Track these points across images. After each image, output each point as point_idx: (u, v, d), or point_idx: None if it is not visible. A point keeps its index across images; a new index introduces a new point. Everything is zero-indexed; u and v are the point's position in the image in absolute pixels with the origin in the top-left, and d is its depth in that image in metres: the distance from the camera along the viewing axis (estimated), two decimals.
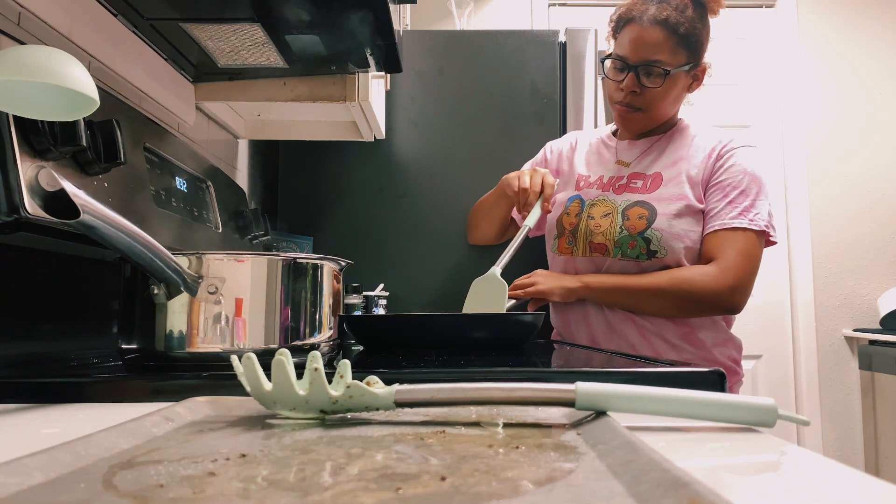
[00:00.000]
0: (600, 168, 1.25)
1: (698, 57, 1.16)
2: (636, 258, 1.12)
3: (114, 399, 0.58)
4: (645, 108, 1.17)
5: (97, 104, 0.56)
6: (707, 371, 0.62)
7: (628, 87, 1.14)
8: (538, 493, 0.27)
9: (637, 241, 1.12)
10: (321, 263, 0.74)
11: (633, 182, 1.19)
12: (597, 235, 1.16)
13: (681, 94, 1.18)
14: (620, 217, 1.14)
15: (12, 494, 0.27)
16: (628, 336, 1.16)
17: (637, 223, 1.12)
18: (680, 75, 1.14)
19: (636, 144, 1.24)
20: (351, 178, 1.76)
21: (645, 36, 1.10)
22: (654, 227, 1.11)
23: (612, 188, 1.20)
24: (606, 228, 1.15)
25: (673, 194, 1.13)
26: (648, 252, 1.11)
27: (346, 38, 1.10)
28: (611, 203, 1.17)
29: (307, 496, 0.27)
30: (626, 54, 1.13)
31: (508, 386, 0.44)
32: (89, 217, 0.52)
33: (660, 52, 1.11)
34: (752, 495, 0.29)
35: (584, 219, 1.19)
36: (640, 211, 1.13)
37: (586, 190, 1.23)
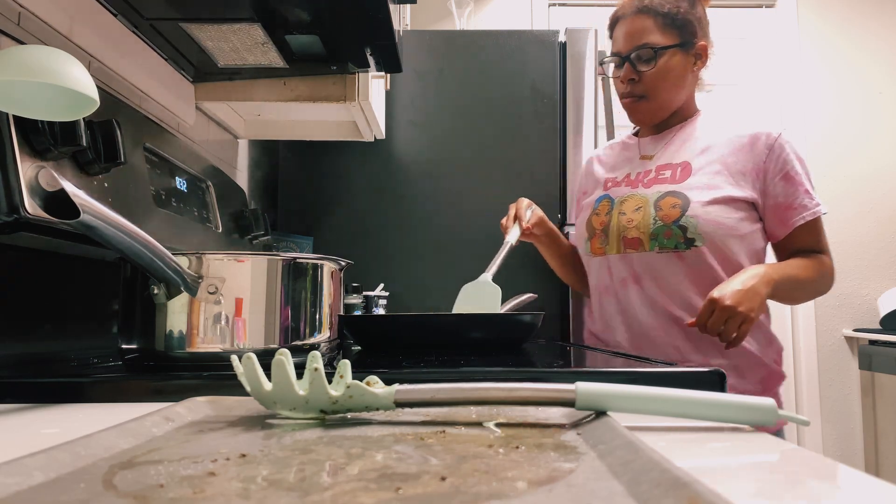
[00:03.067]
0: (626, 167, 1.23)
1: (691, 34, 1.15)
2: (675, 248, 1.09)
3: (114, 399, 0.58)
4: (647, 94, 1.16)
5: (97, 104, 0.56)
6: (707, 371, 0.62)
7: (626, 76, 1.17)
8: (538, 493, 0.27)
9: (672, 230, 1.08)
10: (321, 263, 0.74)
11: (662, 173, 1.16)
12: (630, 230, 1.13)
13: (683, 75, 1.16)
14: (653, 209, 1.11)
15: (12, 494, 0.27)
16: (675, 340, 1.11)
17: (671, 212, 1.09)
18: (674, 55, 1.14)
19: (658, 137, 1.22)
20: (351, 178, 1.76)
21: (632, 26, 1.15)
22: (689, 214, 1.07)
23: (640, 183, 1.17)
24: (639, 222, 1.12)
25: (705, 183, 1.10)
26: (686, 241, 1.08)
27: (346, 38, 1.10)
28: (641, 197, 1.14)
29: (307, 496, 0.27)
30: (620, 49, 1.17)
31: (508, 386, 0.44)
32: (89, 217, 0.52)
33: (647, 36, 1.14)
34: (752, 495, 0.29)
35: (614, 216, 1.16)
36: (673, 200, 1.10)
37: (614, 189, 1.21)
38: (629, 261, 1.14)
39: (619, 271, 1.16)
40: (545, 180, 1.77)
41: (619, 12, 1.18)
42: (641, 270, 1.13)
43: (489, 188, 1.76)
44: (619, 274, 1.16)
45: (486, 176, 1.77)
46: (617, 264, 1.16)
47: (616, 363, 0.74)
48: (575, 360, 0.81)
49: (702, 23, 1.17)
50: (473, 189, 1.76)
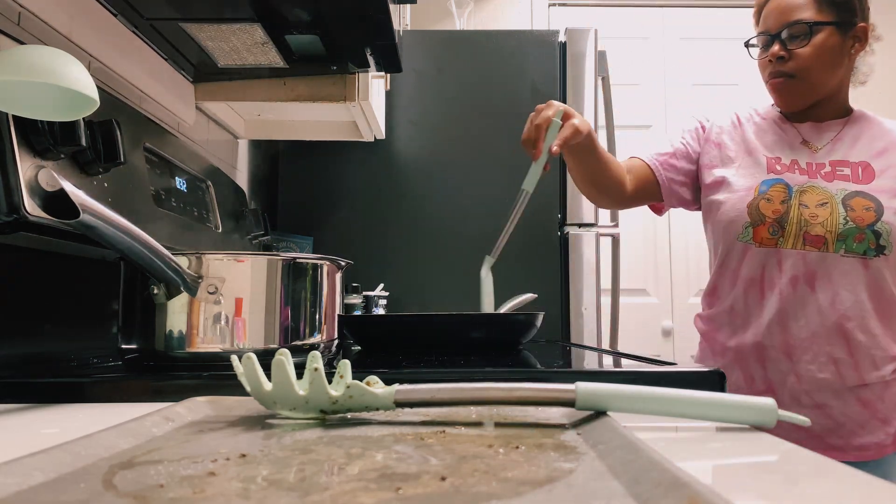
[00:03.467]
0: (788, 150, 1.12)
1: (849, 14, 1.07)
2: (863, 254, 1.01)
3: (114, 399, 0.58)
4: (796, 74, 1.07)
5: (97, 104, 0.56)
6: (707, 371, 0.62)
7: (774, 54, 1.08)
8: (538, 493, 0.27)
9: (866, 234, 1.00)
10: (321, 263, 0.74)
11: (840, 169, 1.07)
12: (815, 226, 1.02)
13: (838, 58, 1.07)
14: (842, 207, 1.02)
15: (12, 494, 0.27)
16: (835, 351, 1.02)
17: (864, 215, 1.01)
18: (830, 34, 1.05)
19: (821, 127, 1.13)
20: (351, 178, 1.76)
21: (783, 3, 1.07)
22: (884, 220, 1.00)
23: (818, 175, 1.07)
24: (826, 219, 1.02)
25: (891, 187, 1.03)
26: (878, 247, 1.00)
27: (346, 38, 1.10)
28: (824, 191, 1.04)
29: (307, 496, 0.27)
30: (769, 27, 1.09)
31: (508, 386, 0.44)
32: (89, 217, 0.52)
33: (801, 12, 1.06)
34: (752, 495, 0.29)
35: (794, 206, 1.05)
36: (865, 202, 1.02)
37: (787, 174, 1.08)
38: (806, 259, 1.03)
39: (791, 268, 1.04)
40: (545, 180, 1.77)
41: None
42: (818, 271, 1.03)
43: (489, 188, 1.76)
44: (791, 271, 1.04)
45: (486, 176, 1.77)
46: (791, 260, 1.04)
47: (616, 363, 0.74)
48: (575, 361, 0.81)
49: (862, 3, 1.09)
50: (473, 189, 1.76)
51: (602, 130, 1.81)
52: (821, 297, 1.02)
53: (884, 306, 1.02)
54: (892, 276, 1.03)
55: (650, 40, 2.82)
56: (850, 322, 1.01)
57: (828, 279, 1.02)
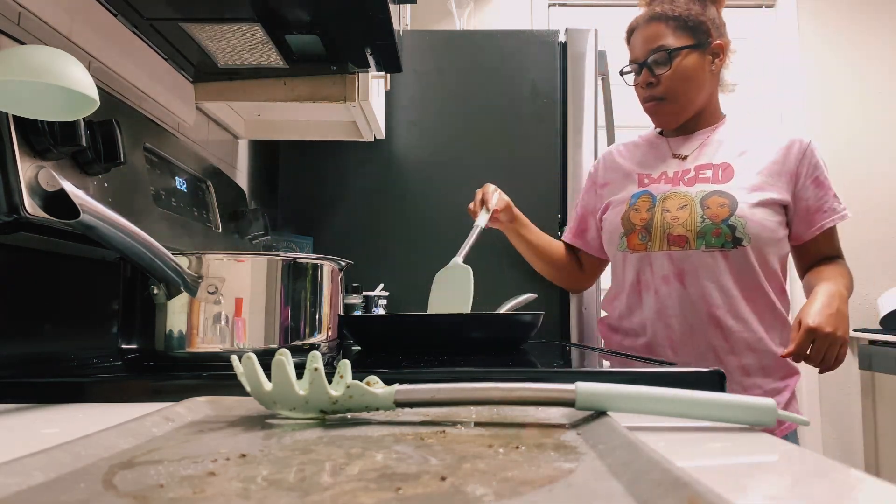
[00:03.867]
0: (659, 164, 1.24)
1: (704, 35, 1.18)
2: (721, 247, 1.11)
3: (114, 399, 0.58)
4: (666, 96, 1.18)
5: (97, 104, 0.56)
6: (707, 371, 0.62)
7: (644, 81, 1.20)
8: (538, 493, 0.27)
9: (721, 228, 1.10)
10: (321, 263, 0.74)
11: (703, 173, 1.17)
12: (676, 228, 1.14)
13: (700, 74, 1.18)
14: (699, 207, 1.12)
15: (12, 494, 0.27)
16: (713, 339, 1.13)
17: (719, 211, 1.11)
18: (689, 55, 1.17)
19: (689, 138, 1.24)
20: (351, 178, 1.76)
21: (645, 33, 1.19)
22: (738, 215, 1.09)
23: (681, 181, 1.18)
24: (686, 220, 1.13)
25: (751, 184, 1.13)
26: (734, 239, 1.10)
27: (346, 38, 1.10)
28: (685, 195, 1.15)
29: (307, 496, 0.27)
30: (637, 56, 1.21)
31: (508, 386, 0.44)
32: (89, 217, 0.52)
33: (661, 40, 1.17)
34: (752, 495, 0.29)
35: (657, 213, 1.16)
36: (720, 200, 1.12)
37: (653, 185, 1.21)
38: (673, 258, 1.14)
39: (660, 268, 1.16)
40: (545, 180, 1.77)
41: (634, 23, 1.23)
42: (685, 268, 1.13)
43: None
44: (661, 271, 1.16)
45: (486, 176, 1.76)
46: (659, 261, 1.16)
47: (616, 363, 0.74)
48: (575, 360, 0.81)
49: (716, 23, 1.20)
50: (473, 189, 1.76)
51: (602, 130, 1.81)
52: (691, 291, 1.13)
53: (752, 292, 1.12)
54: (761, 263, 1.12)
55: None
56: (720, 310, 1.11)
57: (694, 274, 1.13)
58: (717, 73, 1.22)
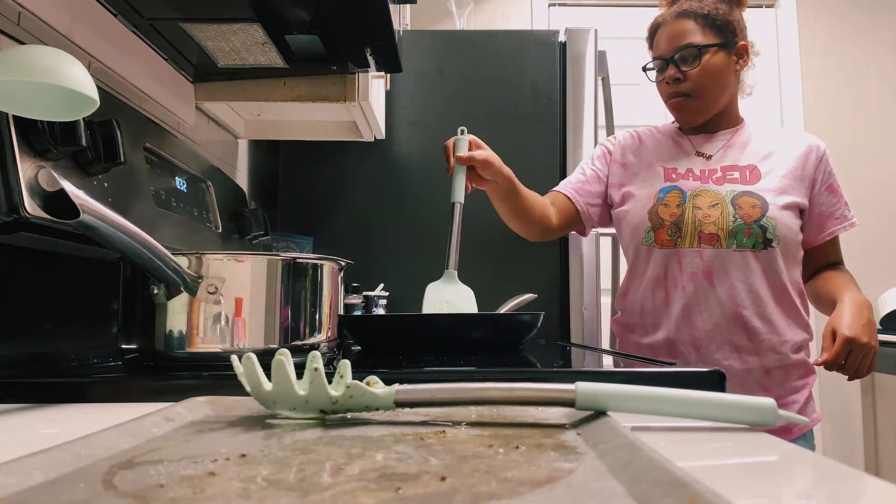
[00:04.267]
0: (684, 160, 1.23)
1: (730, 35, 1.19)
2: (752, 247, 1.11)
3: (114, 399, 0.58)
4: (692, 93, 1.18)
5: (97, 104, 0.56)
6: (707, 371, 0.62)
7: (671, 77, 1.19)
8: (538, 493, 0.27)
9: (753, 229, 1.11)
10: (321, 263, 0.74)
11: (730, 174, 1.18)
12: (707, 225, 1.14)
13: (726, 74, 1.19)
14: (731, 206, 1.13)
15: (12, 494, 0.27)
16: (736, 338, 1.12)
17: (751, 212, 1.12)
18: (717, 54, 1.17)
19: (712, 138, 1.24)
20: (351, 178, 1.76)
21: (672, 29, 1.19)
22: (769, 216, 1.11)
23: (710, 180, 1.18)
24: (717, 218, 1.13)
25: (777, 186, 1.14)
26: (765, 240, 1.11)
27: (346, 38, 1.10)
28: (715, 193, 1.15)
29: (307, 496, 0.27)
30: (662, 52, 1.20)
31: (508, 386, 0.44)
32: (89, 217, 0.52)
33: (689, 37, 1.17)
34: (752, 495, 0.29)
35: (688, 209, 1.16)
36: (752, 200, 1.13)
37: (682, 181, 1.20)
38: (703, 256, 1.14)
39: (689, 265, 1.15)
40: (545, 180, 1.77)
41: (659, 18, 1.23)
42: (714, 266, 1.13)
43: None
44: (690, 268, 1.14)
45: None
46: (689, 258, 1.15)
47: (616, 363, 0.74)
48: (575, 360, 0.81)
49: (740, 24, 1.22)
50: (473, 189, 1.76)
51: (602, 130, 1.81)
52: (719, 290, 1.12)
53: (778, 294, 1.13)
54: (786, 265, 1.13)
55: None
56: (747, 310, 1.11)
57: (724, 273, 1.12)
58: (739, 75, 1.23)
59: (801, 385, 1.15)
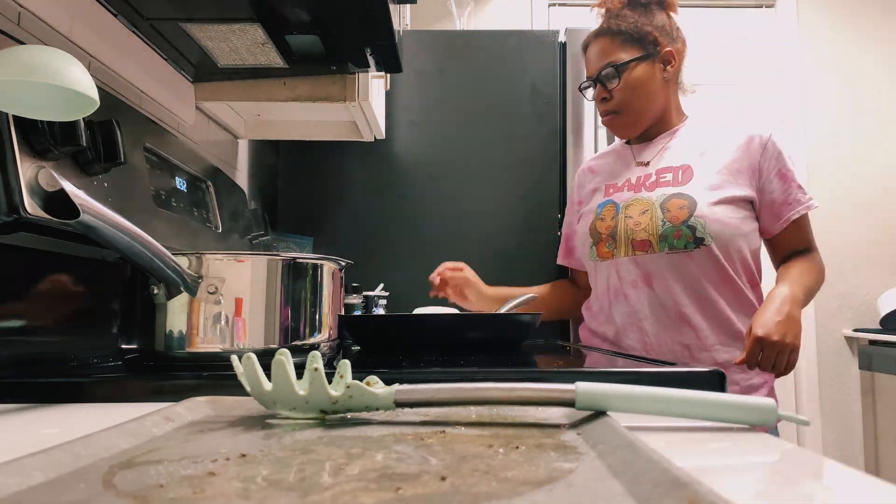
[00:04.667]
0: (625, 172, 1.27)
1: (650, 45, 1.20)
2: (684, 248, 1.12)
3: (114, 399, 0.58)
4: (620, 110, 1.21)
5: (97, 104, 0.56)
6: (707, 371, 0.62)
7: (598, 97, 1.24)
8: (538, 493, 0.27)
9: (682, 230, 1.12)
10: (321, 263, 0.74)
11: (663, 176, 1.19)
12: (638, 233, 1.16)
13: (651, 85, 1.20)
14: (660, 211, 1.14)
15: (12, 494, 0.27)
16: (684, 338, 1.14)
17: (679, 213, 1.12)
18: (638, 67, 1.19)
19: (651, 143, 1.26)
20: (351, 178, 1.76)
21: (595, 50, 1.23)
22: (697, 215, 1.11)
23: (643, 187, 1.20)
24: (647, 224, 1.15)
25: (709, 183, 1.14)
26: (696, 240, 1.11)
27: (346, 38, 1.10)
28: (646, 200, 1.17)
29: (307, 496, 0.27)
30: (590, 72, 1.25)
31: (508, 386, 0.44)
32: (89, 217, 0.52)
33: (608, 56, 1.20)
34: (752, 495, 0.29)
35: (621, 220, 1.19)
36: (679, 202, 1.13)
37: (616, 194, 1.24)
38: (638, 263, 1.16)
39: (628, 273, 1.18)
40: (545, 180, 1.77)
41: (585, 40, 1.26)
42: (652, 271, 1.15)
43: (489, 188, 1.76)
44: (629, 276, 1.18)
45: (486, 176, 1.77)
46: (626, 267, 1.18)
47: (616, 363, 0.74)
48: (575, 360, 0.81)
49: (665, 29, 1.22)
50: (473, 189, 1.76)
51: (602, 130, 1.81)
52: (659, 293, 1.15)
53: (727, 290, 1.14)
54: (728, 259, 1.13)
55: None
56: (688, 308, 1.13)
57: (661, 276, 1.14)
58: (672, 79, 1.24)
59: (761, 383, 1.14)
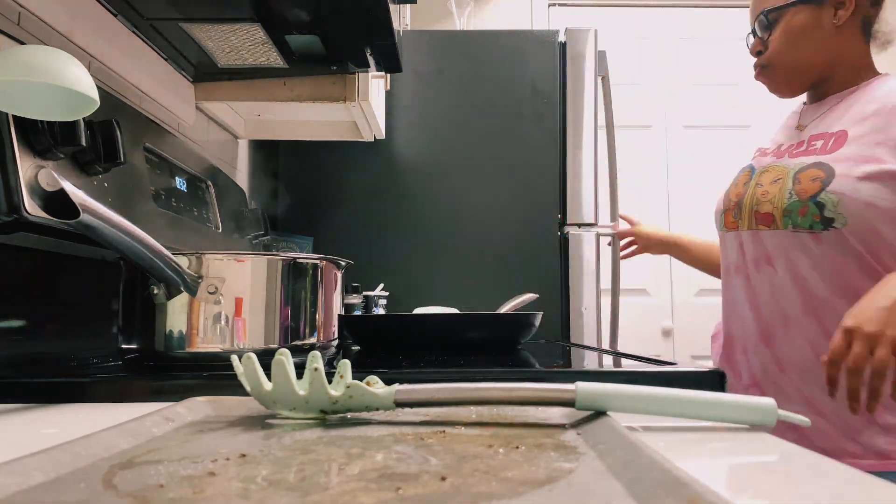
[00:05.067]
0: (782, 137, 1.11)
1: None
2: (810, 228, 0.93)
3: (114, 399, 0.58)
4: (769, 63, 1.07)
5: (97, 104, 0.56)
6: (707, 371, 0.62)
7: (753, 49, 1.10)
8: (538, 493, 0.27)
9: (808, 206, 0.93)
10: (321, 263, 0.74)
11: (813, 144, 1.01)
12: (764, 204, 0.99)
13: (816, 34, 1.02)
14: (791, 181, 0.96)
15: (12, 494, 0.27)
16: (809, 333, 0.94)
17: (809, 186, 0.94)
18: (799, 13, 1.02)
19: (819, 105, 1.07)
20: (351, 178, 1.76)
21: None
22: (830, 190, 0.91)
23: (787, 154, 1.04)
24: (774, 195, 0.98)
25: (859, 154, 0.93)
26: (823, 220, 0.92)
27: (346, 38, 1.10)
28: (783, 168, 1.00)
29: (307, 496, 0.27)
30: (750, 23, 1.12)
31: (508, 386, 0.44)
32: (89, 217, 0.52)
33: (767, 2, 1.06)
34: (752, 495, 0.29)
35: (751, 187, 1.04)
36: (815, 173, 0.94)
37: (759, 158, 1.10)
38: (761, 239, 1.00)
39: (751, 250, 1.02)
40: (545, 180, 1.77)
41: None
42: (774, 251, 0.98)
43: (489, 188, 1.76)
44: (752, 253, 1.02)
45: (486, 176, 1.77)
46: (749, 242, 1.03)
47: (616, 363, 0.74)
48: (575, 360, 0.81)
49: None
50: (473, 189, 1.76)
51: (602, 130, 1.81)
52: (783, 277, 0.97)
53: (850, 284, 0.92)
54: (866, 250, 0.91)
55: (650, 40, 2.82)
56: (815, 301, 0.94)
57: (785, 258, 0.97)
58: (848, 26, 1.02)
59: None
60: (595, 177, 1.76)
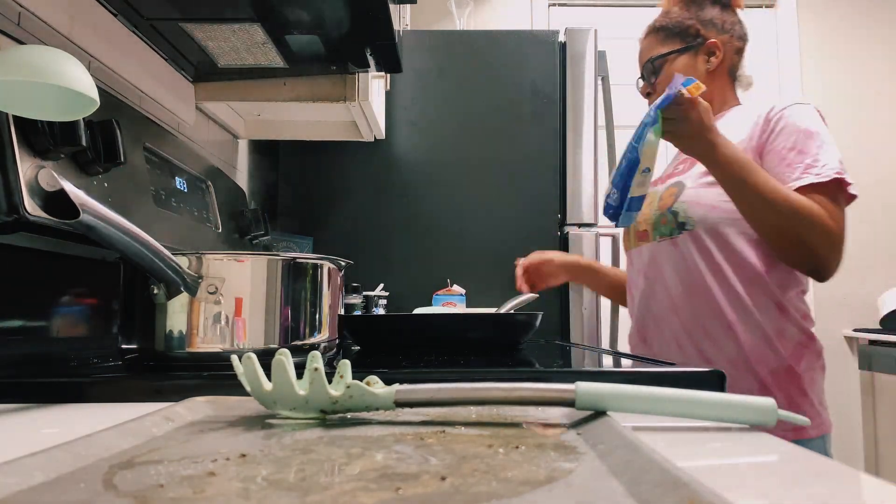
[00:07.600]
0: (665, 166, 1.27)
1: (691, 37, 1.19)
2: (670, 235, 1.10)
3: (114, 399, 0.57)
4: None
5: (97, 104, 0.56)
6: (707, 371, 0.62)
7: (643, 91, 1.24)
8: (538, 493, 0.27)
9: (667, 215, 1.11)
10: (321, 263, 0.74)
11: (678, 167, 1.19)
12: (641, 224, 1.18)
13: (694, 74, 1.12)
14: (658, 201, 1.15)
15: (12, 494, 0.27)
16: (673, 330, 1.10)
17: (667, 200, 1.12)
18: (678, 60, 1.18)
19: None
20: (351, 178, 1.76)
21: (641, 47, 1.25)
22: (681, 200, 1.09)
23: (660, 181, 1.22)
24: (648, 215, 1.16)
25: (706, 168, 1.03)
26: (678, 225, 1.08)
27: (346, 38, 1.10)
28: (654, 192, 1.19)
29: (307, 496, 0.27)
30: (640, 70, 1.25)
31: (508, 386, 0.44)
32: (89, 217, 0.52)
33: (651, 51, 1.21)
34: (752, 495, 0.29)
35: None
36: (672, 190, 1.13)
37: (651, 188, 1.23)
38: (640, 253, 1.19)
39: (636, 264, 1.21)
40: (545, 180, 1.77)
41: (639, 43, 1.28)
42: (647, 261, 1.16)
43: (489, 188, 1.76)
44: (636, 267, 1.20)
45: (486, 176, 1.77)
46: (633, 258, 1.22)
47: (616, 363, 0.74)
48: (575, 360, 0.81)
49: (714, 22, 1.21)
50: (473, 189, 1.76)
51: (602, 130, 1.81)
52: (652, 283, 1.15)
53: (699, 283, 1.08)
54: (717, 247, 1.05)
55: None
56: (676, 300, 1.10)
57: (654, 265, 1.15)
58: (717, 71, 1.20)
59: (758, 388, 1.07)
60: (595, 177, 1.76)
